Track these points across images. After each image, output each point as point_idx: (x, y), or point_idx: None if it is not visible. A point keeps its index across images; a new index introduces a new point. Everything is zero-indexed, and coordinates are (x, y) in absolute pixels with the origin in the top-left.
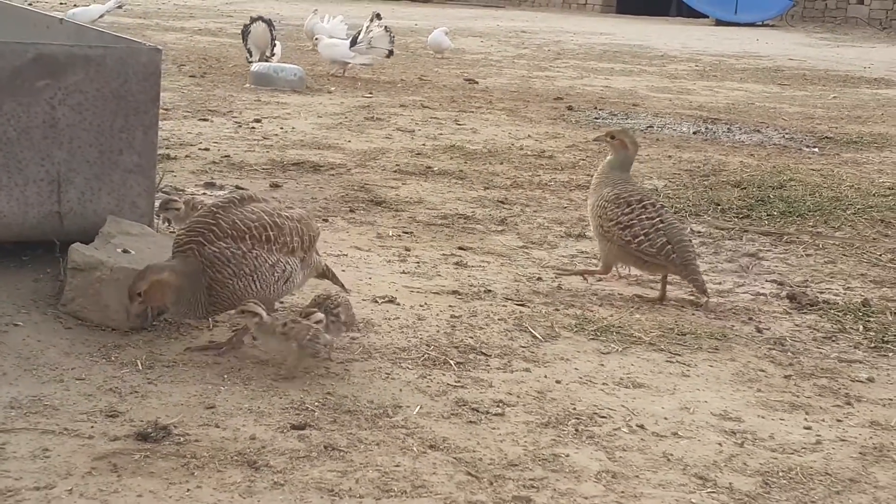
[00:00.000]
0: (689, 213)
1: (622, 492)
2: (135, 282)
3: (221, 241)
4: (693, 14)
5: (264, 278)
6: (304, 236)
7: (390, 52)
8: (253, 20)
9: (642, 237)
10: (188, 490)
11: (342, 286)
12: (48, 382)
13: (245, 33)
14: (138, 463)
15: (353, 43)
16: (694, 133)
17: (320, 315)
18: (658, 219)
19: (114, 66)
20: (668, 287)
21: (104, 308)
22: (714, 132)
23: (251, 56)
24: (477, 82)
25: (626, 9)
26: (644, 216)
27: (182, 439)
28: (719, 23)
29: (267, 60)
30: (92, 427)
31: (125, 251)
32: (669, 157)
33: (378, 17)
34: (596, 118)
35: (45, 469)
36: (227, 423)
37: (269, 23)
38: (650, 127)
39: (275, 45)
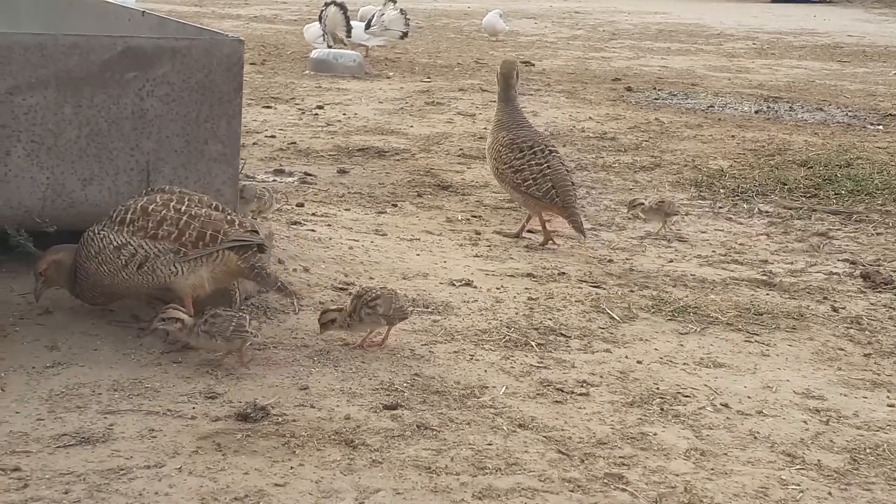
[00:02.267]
0: (756, 193)
1: (712, 469)
2: (37, 261)
3: (97, 224)
4: None
5: (109, 260)
6: (189, 229)
7: (404, 34)
8: (326, 4)
9: (531, 181)
10: (291, 468)
11: (283, 293)
12: (147, 366)
13: (322, 19)
14: (241, 442)
15: (368, 26)
16: (756, 112)
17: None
18: (546, 164)
19: (199, 57)
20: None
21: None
22: (776, 111)
23: (333, 42)
24: (533, 64)
25: None
26: (534, 161)
27: (280, 419)
28: (775, 0)
29: (343, 43)
30: (193, 408)
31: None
32: (732, 136)
33: (393, 0)
34: (655, 98)
35: (154, 448)
36: (322, 403)
37: (341, 6)
38: (711, 107)
39: (350, 27)
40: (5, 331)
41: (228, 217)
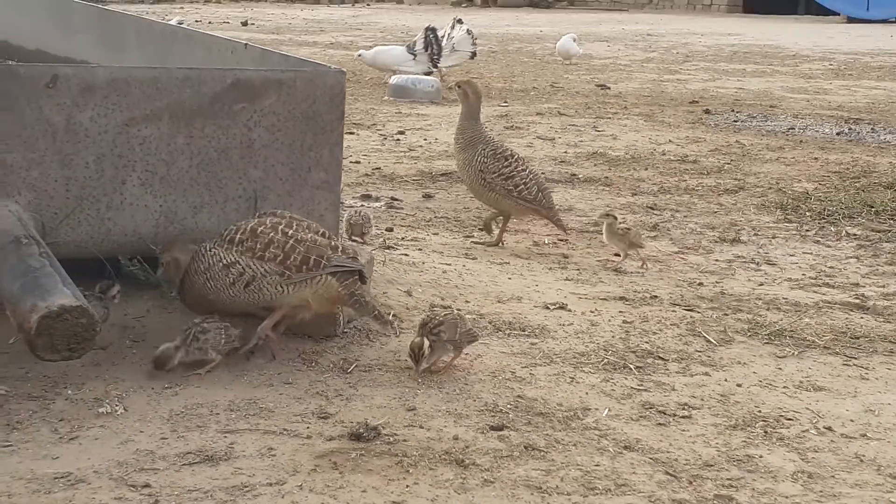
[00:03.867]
0: (843, 216)
1: (820, 491)
2: (162, 251)
3: (210, 241)
4: (822, 11)
5: (217, 277)
6: (294, 253)
7: (473, 54)
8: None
9: (522, 186)
10: (407, 486)
11: (379, 321)
12: (259, 387)
13: (415, 45)
14: (355, 461)
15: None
16: (837, 134)
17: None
18: (529, 171)
19: (303, 88)
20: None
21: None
22: (858, 133)
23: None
24: (609, 87)
25: (752, 8)
26: (519, 168)
27: (391, 439)
28: (850, 20)
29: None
30: (307, 427)
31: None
32: (816, 159)
33: (460, 21)
34: (735, 121)
35: (274, 466)
36: (430, 424)
37: (432, 30)
38: (791, 129)
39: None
40: (123, 353)
41: (332, 243)
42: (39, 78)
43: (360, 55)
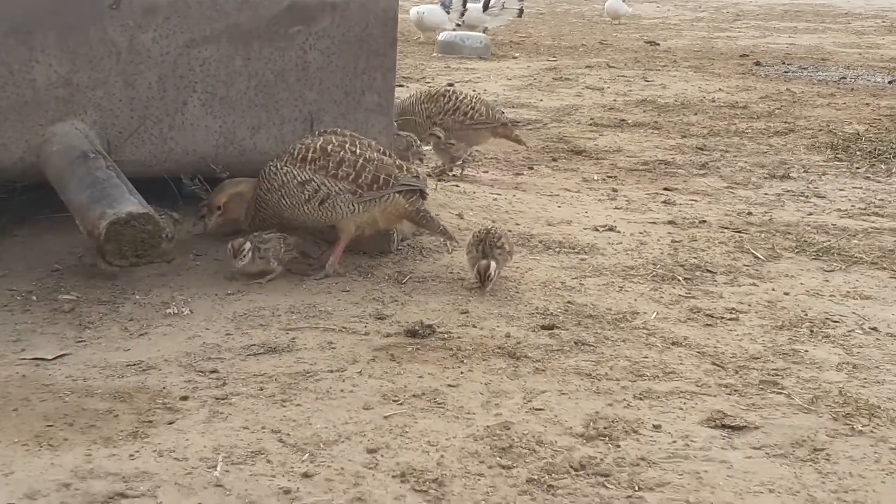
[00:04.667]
0: (893, 155)
1: (864, 378)
2: (214, 194)
3: (278, 160)
4: None
5: (292, 194)
6: (365, 171)
7: (521, 11)
8: None
9: (471, 111)
10: (461, 372)
11: (444, 235)
12: (318, 294)
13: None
14: (412, 353)
15: (486, 7)
16: (889, 82)
17: None
18: (468, 97)
19: (357, 12)
20: None
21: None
22: None
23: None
24: (658, 44)
25: None
26: (457, 97)
27: (446, 336)
28: None
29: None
30: (365, 326)
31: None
32: (867, 104)
33: None
34: (785, 72)
35: (334, 357)
36: (483, 324)
37: None
38: (843, 78)
39: (465, 9)
40: (187, 265)
41: (397, 162)
42: None
43: (420, 13)
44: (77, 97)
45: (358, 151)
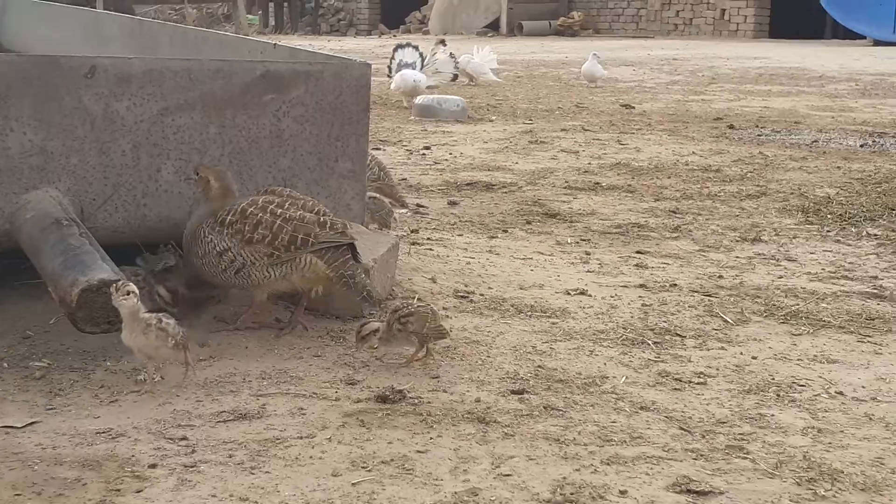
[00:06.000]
0: (864, 218)
1: (829, 443)
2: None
3: (208, 217)
4: (849, 35)
5: (212, 263)
6: (282, 233)
7: (455, 77)
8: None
9: None
10: (430, 438)
11: (365, 301)
12: (289, 359)
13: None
14: (382, 419)
15: (420, 69)
16: (861, 146)
17: None
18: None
19: (330, 80)
20: None
21: (327, 297)
22: (882, 144)
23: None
24: (633, 107)
25: (779, 33)
26: None
27: (416, 401)
28: (877, 43)
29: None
30: (336, 392)
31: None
32: (838, 167)
33: (443, 43)
34: (759, 135)
35: (304, 423)
36: (453, 388)
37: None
38: (815, 141)
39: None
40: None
41: (322, 220)
42: (79, 68)
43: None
44: (51, 165)
45: (279, 212)
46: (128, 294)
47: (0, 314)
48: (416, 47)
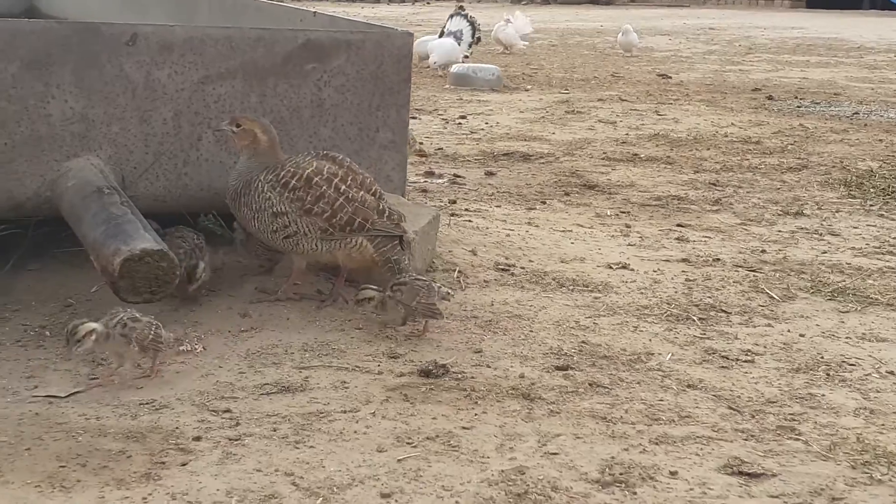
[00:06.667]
0: None
1: (882, 424)
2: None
3: (264, 179)
4: (887, 6)
5: (264, 220)
6: (342, 212)
7: (478, 40)
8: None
9: None
10: (475, 414)
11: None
12: (331, 331)
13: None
14: (425, 394)
15: (440, 36)
16: None
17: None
18: None
19: (371, 49)
20: None
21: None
22: None
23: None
24: (670, 77)
25: (816, 3)
26: None
27: (459, 376)
28: None
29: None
30: (379, 365)
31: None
32: (880, 140)
33: (461, 8)
34: (798, 106)
35: (348, 397)
36: (496, 364)
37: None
38: (856, 114)
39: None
40: (199, 301)
41: (381, 207)
42: (120, 36)
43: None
44: (92, 133)
45: (342, 188)
46: (80, 341)
47: (41, 282)
48: (465, 16)
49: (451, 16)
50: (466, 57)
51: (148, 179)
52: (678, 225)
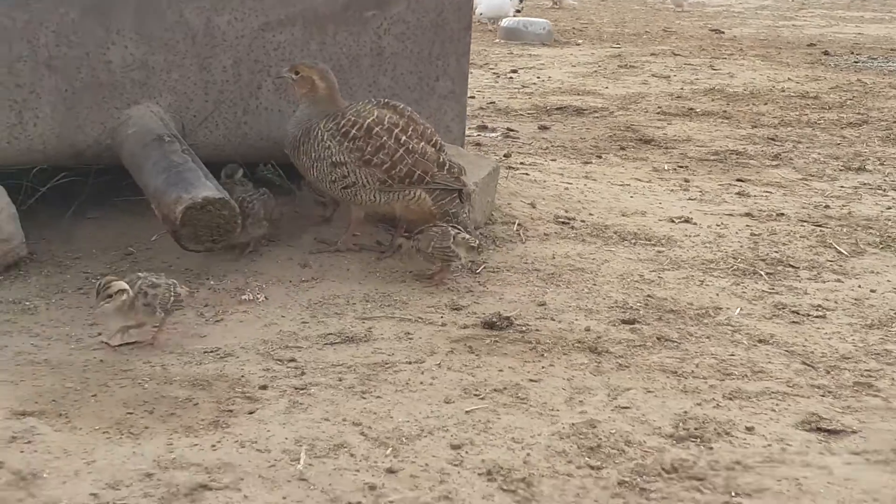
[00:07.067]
0: None
1: None
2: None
3: (325, 127)
4: None
5: (322, 170)
6: (401, 164)
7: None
8: None
9: None
10: (543, 367)
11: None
12: (392, 282)
13: None
14: (490, 346)
15: None
16: None
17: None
18: None
19: None
20: None
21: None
22: None
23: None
24: (723, 32)
25: None
26: None
27: (524, 328)
28: None
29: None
30: (441, 317)
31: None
32: None
33: None
34: (855, 62)
35: (412, 348)
36: (561, 317)
37: None
38: None
39: None
40: (260, 251)
41: (442, 159)
42: None
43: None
44: (152, 80)
45: (403, 140)
46: (111, 297)
47: (102, 230)
48: None
49: None
50: (518, 11)
51: (207, 128)
52: (738, 180)
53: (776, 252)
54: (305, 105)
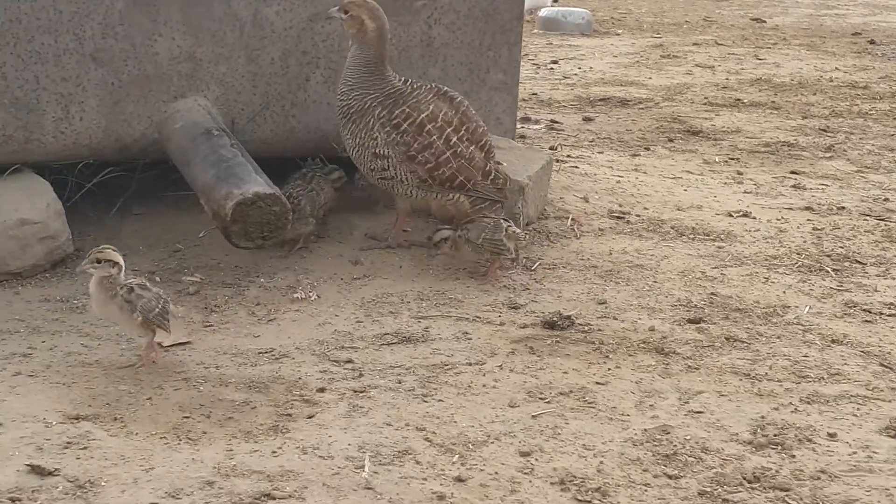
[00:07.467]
0: None
1: None
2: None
3: (383, 108)
4: None
5: (364, 156)
6: (445, 167)
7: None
8: None
9: None
10: (608, 369)
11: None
12: (446, 280)
13: None
14: (552, 347)
15: None
16: None
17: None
18: None
19: None
20: None
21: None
22: None
23: None
24: (765, 21)
25: None
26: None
27: (586, 328)
28: None
29: None
30: (499, 316)
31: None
32: None
33: None
34: None
35: (471, 349)
36: (623, 316)
37: None
38: None
39: None
40: (309, 248)
41: (488, 168)
42: None
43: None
44: (200, 72)
45: (453, 141)
46: (97, 262)
47: (149, 226)
48: None
49: None
50: (556, 1)
51: (255, 122)
52: (792, 172)
53: (841, 247)
54: (356, 48)
